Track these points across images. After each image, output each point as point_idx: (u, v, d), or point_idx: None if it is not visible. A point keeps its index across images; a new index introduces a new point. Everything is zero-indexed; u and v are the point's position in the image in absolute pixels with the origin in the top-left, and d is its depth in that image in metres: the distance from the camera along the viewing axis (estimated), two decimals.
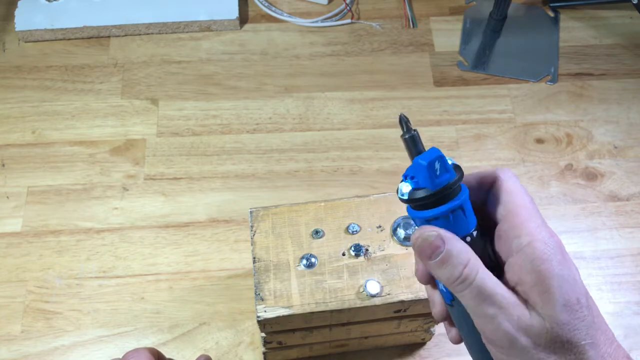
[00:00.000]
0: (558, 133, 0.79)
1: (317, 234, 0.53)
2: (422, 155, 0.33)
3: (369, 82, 0.83)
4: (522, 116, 0.80)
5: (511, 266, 0.33)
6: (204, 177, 0.75)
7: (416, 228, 0.35)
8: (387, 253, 0.52)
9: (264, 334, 0.54)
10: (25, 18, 0.84)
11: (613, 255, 0.71)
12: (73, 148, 0.76)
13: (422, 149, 0.34)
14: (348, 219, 0.54)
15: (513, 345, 0.32)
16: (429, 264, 0.34)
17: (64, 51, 0.84)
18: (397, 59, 0.85)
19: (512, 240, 0.33)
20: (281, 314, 0.49)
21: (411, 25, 0.88)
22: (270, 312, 0.49)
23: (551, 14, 0.90)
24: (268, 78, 0.83)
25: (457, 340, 0.39)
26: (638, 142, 0.79)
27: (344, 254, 0.52)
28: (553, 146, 0.78)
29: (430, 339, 0.64)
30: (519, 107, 0.81)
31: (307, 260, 0.51)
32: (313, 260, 0.52)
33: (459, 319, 0.37)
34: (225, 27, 0.86)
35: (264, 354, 0.60)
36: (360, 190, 0.74)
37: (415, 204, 0.34)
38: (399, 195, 0.35)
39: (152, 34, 0.86)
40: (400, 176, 0.35)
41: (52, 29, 0.83)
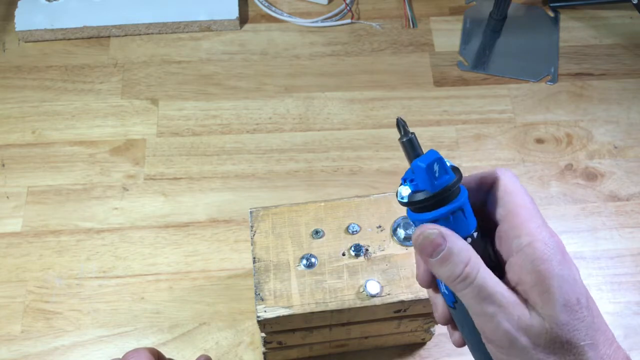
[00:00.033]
0: (558, 133, 0.79)
1: (317, 234, 0.53)
2: (421, 158, 0.33)
3: (369, 82, 0.83)
4: (522, 116, 0.80)
5: (512, 266, 0.33)
6: (204, 177, 0.75)
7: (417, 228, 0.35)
8: (387, 253, 0.52)
9: (264, 334, 0.54)
10: (25, 18, 0.84)
11: (613, 255, 0.71)
12: (73, 148, 0.76)
13: (420, 152, 0.34)
14: (348, 219, 0.54)
15: (513, 345, 0.32)
16: (429, 262, 0.34)
17: (64, 51, 0.84)
18: (397, 59, 0.85)
19: (513, 240, 0.33)
20: (281, 314, 0.49)
21: (411, 25, 0.88)
22: (270, 312, 0.49)
23: (551, 14, 0.90)
24: (268, 78, 0.83)
25: (461, 343, 0.38)
26: (638, 142, 0.79)
27: (344, 254, 0.52)
28: (553, 146, 0.78)
29: (430, 339, 0.64)
30: (519, 107, 0.81)
31: (307, 260, 0.51)
32: (313, 260, 0.52)
33: (462, 321, 0.37)
34: (225, 27, 0.86)
35: (264, 354, 0.60)
36: (360, 190, 0.74)
37: (415, 207, 0.34)
38: (399, 199, 0.34)
39: (152, 34, 0.86)
40: (401, 176, 0.35)
41: (52, 29, 0.83)
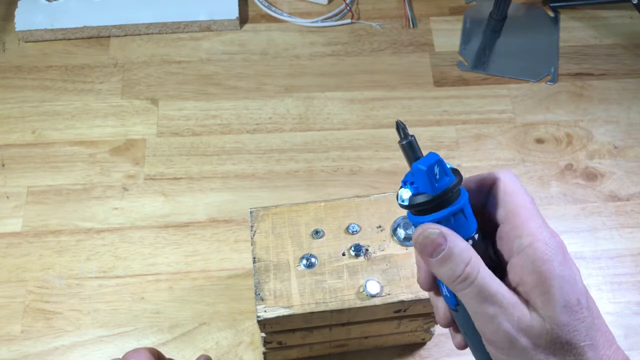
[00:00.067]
0: (558, 133, 0.79)
1: (317, 234, 0.53)
2: (421, 161, 0.33)
3: (369, 82, 0.83)
4: (522, 116, 0.80)
5: (513, 267, 0.33)
6: (204, 177, 0.75)
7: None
8: (387, 253, 0.52)
9: (264, 334, 0.54)
10: (25, 18, 0.84)
11: (613, 255, 0.71)
12: (73, 148, 0.76)
13: (420, 155, 0.34)
14: (348, 219, 0.54)
15: (513, 346, 0.32)
16: (430, 261, 0.34)
17: (64, 51, 0.84)
18: (397, 59, 0.85)
19: (514, 240, 0.33)
20: (281, 314, 0.49)
21: (411, 25, 0.88)
22: (270, 312, 0.49)
23: (551, 14, 0.90)
24: (268, 78, 0.83)
25: (463, 346, 0.38)
26: (638, 142, 0.79)
27: (344, 254, 0.52)
28: (553, 146, 0.78)
29: (430, 339, 0.64)
30: (519, 107, 0.81)
31: (307, 260, 0.51)
32: (313, 260, 0.52)
33: (463, 323, 0.36)
34: (225, 27, 0.86)
35: (264, 354, 0.60)
36: (360, 190, 0.74)
37: (416, 209, 0.34)
38: (400, 202, 0.34)
39: (152, 34, 0.86)
40: (401, 176, 0.34)
41: (52, 29, 0.83)
